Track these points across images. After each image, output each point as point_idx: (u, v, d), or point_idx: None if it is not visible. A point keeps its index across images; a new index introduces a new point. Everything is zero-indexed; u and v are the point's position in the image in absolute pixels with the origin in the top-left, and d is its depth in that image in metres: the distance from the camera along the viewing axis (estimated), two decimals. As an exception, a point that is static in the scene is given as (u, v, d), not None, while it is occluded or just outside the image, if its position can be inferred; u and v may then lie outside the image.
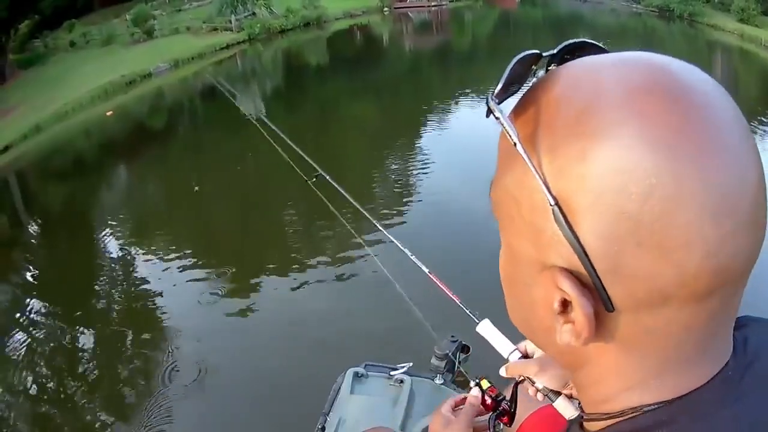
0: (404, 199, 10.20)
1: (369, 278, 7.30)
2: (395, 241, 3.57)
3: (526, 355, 1.51)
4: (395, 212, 9.46)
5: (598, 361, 0.67)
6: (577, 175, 0.57)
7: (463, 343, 4.30)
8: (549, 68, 0.69)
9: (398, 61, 27.36)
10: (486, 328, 1.56)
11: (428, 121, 15.21)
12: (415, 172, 11.36)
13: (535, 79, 0.68)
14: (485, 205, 0.73)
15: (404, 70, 24.96)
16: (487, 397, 1.59)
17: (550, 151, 0.60)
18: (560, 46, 0.70)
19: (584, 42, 0.70)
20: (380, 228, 3.84)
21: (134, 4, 32.30)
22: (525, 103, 0.66)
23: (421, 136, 13.96)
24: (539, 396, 1.46)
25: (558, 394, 1.42)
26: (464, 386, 4.41)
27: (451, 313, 3.17)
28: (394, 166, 11.99)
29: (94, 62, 24.44)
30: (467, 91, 18.09)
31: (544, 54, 0.69)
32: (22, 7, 26.06)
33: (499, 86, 0.64)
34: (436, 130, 14.48)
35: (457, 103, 16.98)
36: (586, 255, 0.58)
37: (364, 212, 3.98)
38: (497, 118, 0.62)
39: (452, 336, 4.25)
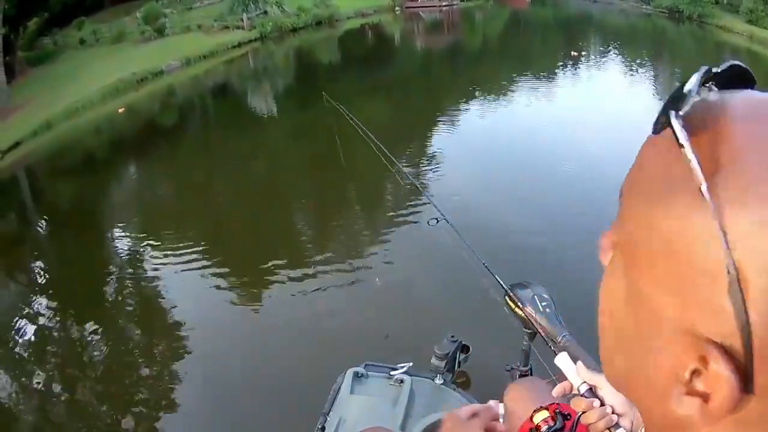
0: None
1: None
2: (502, 283, 3.53)
3: (592, 388, 1.50)
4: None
5: None
6: (759, 237, 0.48)
7: (463, 343, 4.30)
8: (706, 86, 0.58)
9: (410, 60, 27.34)
10: (563, 361, 1.59)
11: (439, 121, 15.18)
12: (429, 173, 11.35)
13: (711, 100, 0.56)
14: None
15: (416, 69, 24.94)
16: (542, 424, 1.64)
17: (735, 195, 0.49)
18: (725, 66, 0.60)
19: (741, 67, 0.60)
20: (489, 271, 3.75)
21: (144, 2, 32.29)
22: (709, 126, 0.53)
23: (432, 137, 13.94)
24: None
25: (618, 426, 1.44)
26: (465, 387, 4.42)
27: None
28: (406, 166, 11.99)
29: (105, 60, 24.48)
30: (479, 90, 18.06)
31: (714, 70, 0.58)
32: (31, 5, 26.09)
33: (686, 104, 0.53)
34: (447, 131, 14.46)
35: (468, 102, 16.95)
36: (749, 331, 0.49)
37: (481, 259, 3.91)
38: (672, 128, 0.52)
39: (452, 336, 4.24)
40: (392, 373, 4.03)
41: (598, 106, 15.96)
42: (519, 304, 3.32)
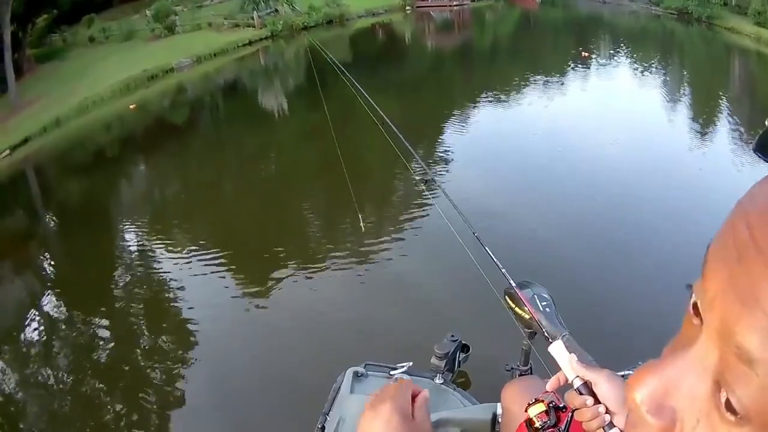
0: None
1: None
2: (492, 256, 3.48)
3: (587, 383, 1.47)
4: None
5: None
6: None
7: (463, 342, 4.29)
8: None
9: (421, 59, 27.31)
10: (557, 350, 1.55)
11: (450, 121, 15.14)
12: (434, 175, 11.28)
13: None
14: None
15: (427, 69, 24.90)
16: (536, 419, 1.62)
17: None
18: None
19: None
20: (488, 252, 3.71)
21: (154, 0, 32.37)
22: None
23: (443, 138, 13.89)
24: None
25: (612, 425, 1.41)
26: (465, 386, 4.41)
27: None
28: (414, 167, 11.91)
29: (115, 57, 24.55)
30: (490, 91, 18.00)
31: None
32: (40, 2, 26.17)
33: None
34: (458, 132, 14.41)
35: (479, 103, 16.90)
36: None
37: (468, 223, 3.88)
38: None
39: (452, 335, 4.23)
40: (392, 372, 4.00)
41: (607, 106, 15.91)
42: (519, 303, 3.31)
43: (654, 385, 0.51)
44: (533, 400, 1.69)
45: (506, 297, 3.41)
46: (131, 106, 19.48)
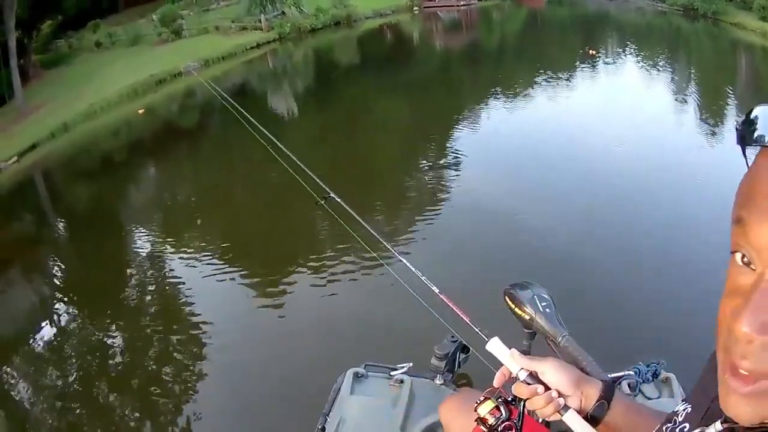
0: (430, 207, 9.94)
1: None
2: (406, 262, 3.51)
3: (532, 374, 1.47)
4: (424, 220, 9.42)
5: None
6: None
7: (463, 343, 4.28)
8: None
9: (428, 59, 27.32)
10: (495, 346, 1.55)
11: (458, 121, 15.12)
12: (443, 177, 11.28)
13: None
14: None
15: (435, 69, 24.92)
16: (489, 416, 1.62)
17: None
18: None
19: None
20: (392, 250, 3.75)
21: (160, 5, 32.44)
22: None
23: (450, 138, 13.86)
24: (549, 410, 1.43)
25: (567, 408, 1.41)
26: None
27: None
28: (424, 169, 11.91)
29: (121, 62, 24.64)
30: (497, 90, 17.98)
31: None
32: (45, 8, 26.27)
33: None
34: (466, 132, 14.39)
35: (487, 102, 16.88)
36: None
37: (377, 235, 3.92)
38: None
39: (452, 336, 4.22)
40: (392, 373, 4.00)
41: (614, 104, 15.85)
42: (519, 304, 3.30)
43: (749, 316, 0.71)
44: (481, 399, 1.67)
45: (506, 297, 3.40)
46: (140, 111, 19.53)
